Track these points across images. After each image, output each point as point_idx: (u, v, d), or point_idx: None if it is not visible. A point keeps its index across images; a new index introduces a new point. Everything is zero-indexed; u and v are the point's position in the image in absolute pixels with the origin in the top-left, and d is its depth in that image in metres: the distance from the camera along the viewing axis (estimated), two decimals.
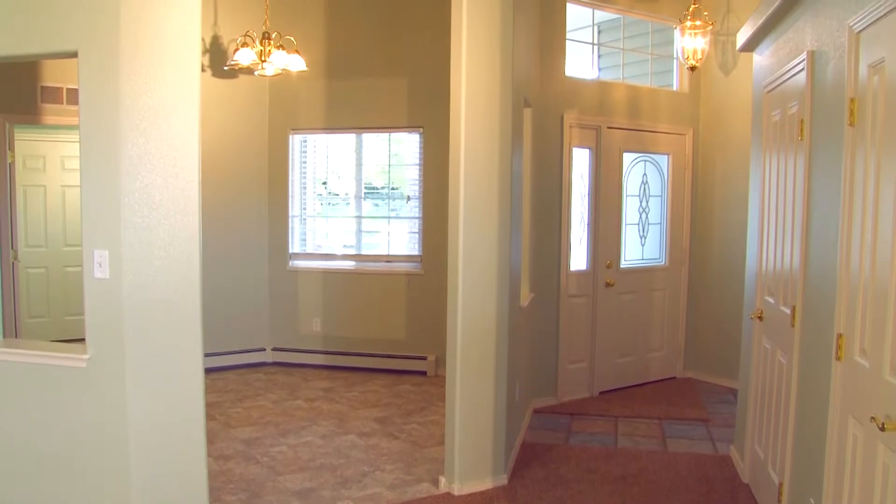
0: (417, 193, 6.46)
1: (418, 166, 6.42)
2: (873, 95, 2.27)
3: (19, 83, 5.55)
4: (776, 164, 3.62)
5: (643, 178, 6.12)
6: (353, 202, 6.71)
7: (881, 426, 2.01)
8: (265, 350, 6.71)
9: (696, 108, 6.26)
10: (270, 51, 5.48)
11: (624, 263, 6.01)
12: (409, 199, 6.53)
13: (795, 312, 3.11)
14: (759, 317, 3.80)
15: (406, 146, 6.55)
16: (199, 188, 3.05)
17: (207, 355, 3.23)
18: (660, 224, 6.24)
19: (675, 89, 6.26)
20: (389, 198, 6.67)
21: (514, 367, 4.19)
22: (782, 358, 3.34)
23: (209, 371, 5.81)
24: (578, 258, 5.77)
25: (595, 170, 5.75)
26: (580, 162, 5.73)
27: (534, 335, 5.30)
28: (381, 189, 6.71)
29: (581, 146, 5.67)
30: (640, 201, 6.14)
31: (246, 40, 5.49)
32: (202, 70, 4.74)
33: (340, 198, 6.81)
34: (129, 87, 2.91)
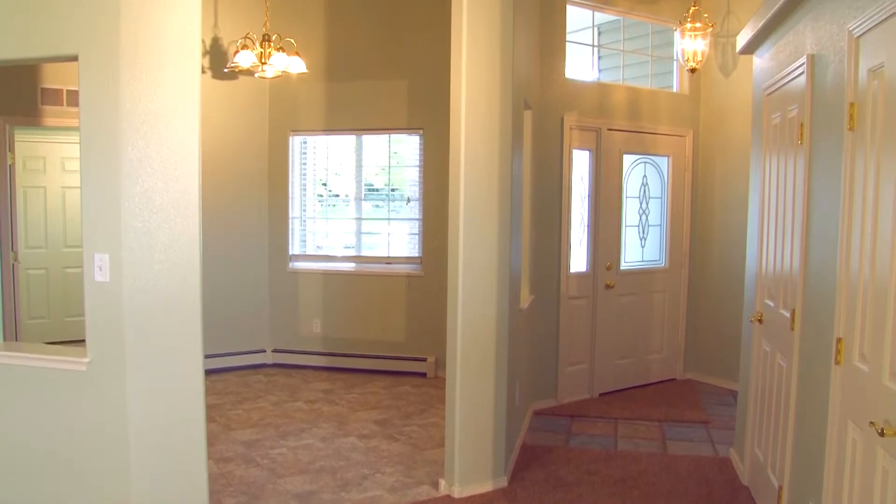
0: (417, 195, 6.46)
1: (418, 168, 6.43)
2: (873, 100, 2.27)
3: (19, 85, 5.55)
4: (776, 167, 3.62)
5: (643, 180, 6.12)
6: (353, 203, 6.72)
7: (880, 431, 2.01)
8: (265, 351, 6.71)
9: (696, 110, 6.27)
10: (270, 53, 5.48)
11: (624, 265, 6.01)
12: (409, 200, 6.54)
13: (795, 316, 3.11)
14: (759, 320, 3.80)
15: (406, 146, 6.55)
16: (199, 192, 3.05)
17: (207, 357, 3.24)
18: (660, 226, 6.24)
19: (675, 91, 6.26)
20: (389, 199, 6.67)
21: (514, 369, 4.19)
22: (782, 361, 3.34)
23: (209, 372, 5.82)
24: (578, 260, 5.77)
25: (595, 172, 5.75)
26: (580, 164, 5.73)
27: (534, 337, 5.30)
28: (381, 190, 6.71)
29: (581, 148, 5.68)
30: (640, 203, 6.14)
31: (246, 42, 5.50)
32: (202, 72, 4.74)
33: (340, 199, 6.81)
34: (129, 90, 2.91)
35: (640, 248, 6.18)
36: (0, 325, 3.40)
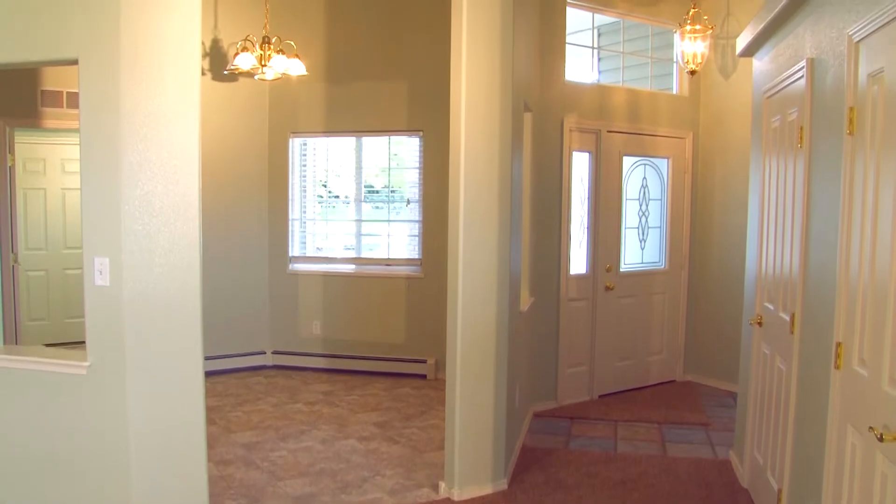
0: (417, 196, 6.46)
1: (418, 169, 6.43)
2: (872, 104, 2.28)
3: (19, 87, 5.55)
4: (776, 170, 3.62)
5: (643, 182, 6.13)
6: (353, 205, 6.72)
7: (879, 436, 2.01)
8: (265, 353, 6.71)
9: (696, 112, 6.27)
10: (270, 55, 5.49)
11: (624, 267, 6.01)
12: (409, 202, 6.54)
13: (795, 319, 3.11)
14: (759, 322, 3.81)
15: (406, 148, 6.56)
16: (199, 195, 3.05)
17: (207, 359, 3.24)
18: (659, 228, 6.25)
19: (674, 93, 6.27)
20: (389, 201, 6.68)
21: (514, 371, 4.19)
22: (781, 364, 3.34)
23: (209, 374, 5.81)
24: (578, 262, 5.77)
25: (595, 173, 5.75)
26: (580, 166, 5.73)
27: (534, 339, 5.30)
28: (381, 191, 6.71)
29: (581, 150, 5.68)
30: (640, 205, 6.14)
31: (246, 45, 5.50)
32: (202, 74, 4.74)
33: (340, 200, 6.81)
34: (129, 94, 2.91)
35: (639, 249, 6.19)
36: (0, 327, 3.40)
